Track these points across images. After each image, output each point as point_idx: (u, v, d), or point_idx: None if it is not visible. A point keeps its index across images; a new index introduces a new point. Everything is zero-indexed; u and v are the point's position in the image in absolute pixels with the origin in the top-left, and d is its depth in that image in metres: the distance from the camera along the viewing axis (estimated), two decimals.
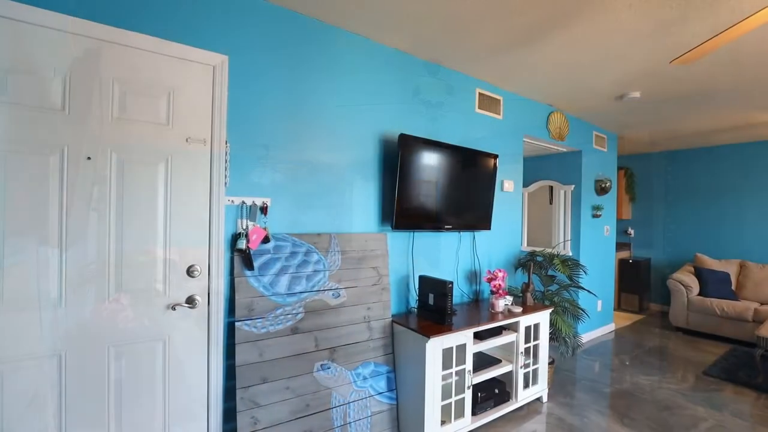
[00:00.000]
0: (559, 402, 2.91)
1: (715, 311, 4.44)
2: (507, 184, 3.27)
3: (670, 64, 1.86)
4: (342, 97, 2.31)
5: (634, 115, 3.95)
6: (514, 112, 3.34)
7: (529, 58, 2.64)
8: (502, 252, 3.27)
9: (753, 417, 2.77)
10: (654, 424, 2.63)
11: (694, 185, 5.52)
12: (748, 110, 3.69)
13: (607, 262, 4.64)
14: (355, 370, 2.21)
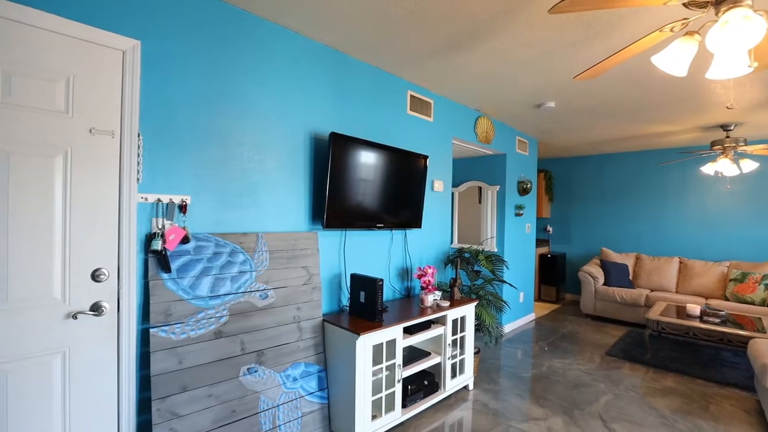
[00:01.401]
0: (484, 389, 3.11)
1: (616, 298, 5.03)
2: (437, 184, 3.41)
3: (574, 79, 2.07)
4: (272, 93, 2.25)
5: (551, 123, 4.33)
6: (444, 115, 3.50)
7: (457, 64, 2.77)
8: (432, 249, 3.40)
9: (642, 388, 3.18)
10: (564, 402, 2.92)
11: (601, 187, 6.21)
12: (640, 123, 4.22)
13: (528, 257, 5.04)
14: (285, 372, 2.17)
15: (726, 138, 4.14)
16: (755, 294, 4.43)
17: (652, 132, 4.64)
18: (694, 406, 2.93)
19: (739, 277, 4.62)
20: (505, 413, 2.74)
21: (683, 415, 2.79)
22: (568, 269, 6.42)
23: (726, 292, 4.70)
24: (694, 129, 4.43)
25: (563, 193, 6.60)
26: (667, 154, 5.58)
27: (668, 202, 5.63)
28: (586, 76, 1.89)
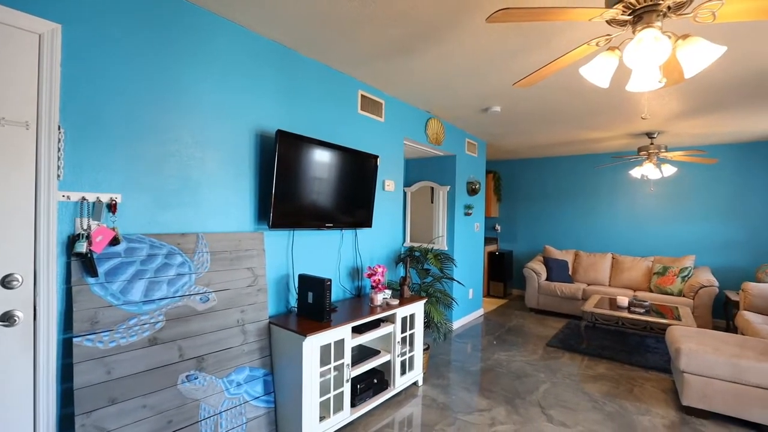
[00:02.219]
0: (433, 384, 3.19)
1: (557, 293, 5.37)
2: (388, 183, 3.45)
3: (513, 86, 2.18)
4: (216, 88, 2.16)
5: (498, 127, 4.52)
6: (395, 115, 3.53)
7: (407, 66, 2.81)
8: (384, 248, 3.43)
9: (577, 376, 3.42)
10: (507, 393, 3.06)
11: (545, 188, 6.58)
12: (577, 129, 4.53)
13: (477, 255, 5.23)
14: (228, 377, 2.09)
15: (650, 145, 4.55)
16: (674, 285, 4.91)
17: (588, 138, 4.99)
18: (621, 389, 3.19)
19: (661, 271, 5.10)
20: (452, 406, 2.83)
21: (611, 398, 3.03)
22: (515, 266, 6.75)
23: (650, 285, 5.16)
24: (624, 136, 4.83)
25: (510, 193, 6.93)
26: (602, 159, 6.03)
27: (602, 203, 6.08)
28: (524, 84, 1.99)
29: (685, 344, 2.87)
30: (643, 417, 2.76)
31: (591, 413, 2.78)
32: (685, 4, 1.43)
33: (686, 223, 5.47)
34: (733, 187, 5.19)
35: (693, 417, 2.77)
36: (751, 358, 2.64)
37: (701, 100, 3.42)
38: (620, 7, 1.46)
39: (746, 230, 5.11)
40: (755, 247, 5.05)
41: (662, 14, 1.45)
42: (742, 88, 3.12)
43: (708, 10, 1.39)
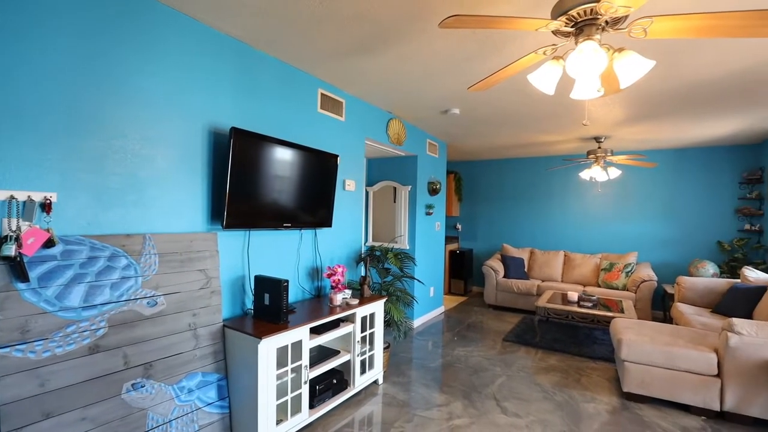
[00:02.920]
0: (393, 382, 3.23)
1: (514, 289, 5.59)
2: (349, 183, 3.44)
3: (468, 90, 2.24)
4: (167, 81, 2.06)
5: (458, 128, 4.64)
6: (356, 115, 3.53)
7: (367, 66, 2.82)
8: (344, 248, 3.43)
9: (531, 368, 3.58)
10: (465, 387, 3.15)
11: (503, 189, 6.83)
12: (532, 132, 4.73)
13: (438, 254, 5.34)
14: (179, 384, 2.01)
15: (598, 149, 4.84)
16: (619, 280, 5.25)
17: (542, 141, 5.23)
18: (570, 379, 3.38)
19: (607, 267, 5.44)
20: (411, 403, 2.88)
21: (561, 387, 3.20)
22: (475, 264, 6.95)
23: (599, 280, 5.49)
24: (575, 140, 5.10)
25: (471, 193, 7.12)
26: (555, 161, 6.34)
27: (556, 203, 6.40)
28: (478, 88, 2.06)
29: (626, 335, 3.09)
30: (588, 404, 2.93)
31: (542, 403, 2.93)
32: (621, 19, 1.54)
33: (630, 222, 5.87)
34: (670, 189, 5.62)
35: (633, 402, 2.98)
36: (682, 345, 2.88)
37: (641, 108, 3.68)
38: (563, 19, 1.54)
39: (681, 229, 5.56)
40: (688, 244, 5.51)
41: (601, 28, 1.55)
42: (675, 99, 3.39)
43: (640, 27, 1.51)
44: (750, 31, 1.45)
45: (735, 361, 2.65)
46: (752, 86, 3.05)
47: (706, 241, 5.43)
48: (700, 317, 3.92)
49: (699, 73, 2.81)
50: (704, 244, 5.43)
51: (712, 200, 5.40)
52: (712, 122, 4.13)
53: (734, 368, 2.66)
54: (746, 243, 5.14)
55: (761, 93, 3.21)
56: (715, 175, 5.39)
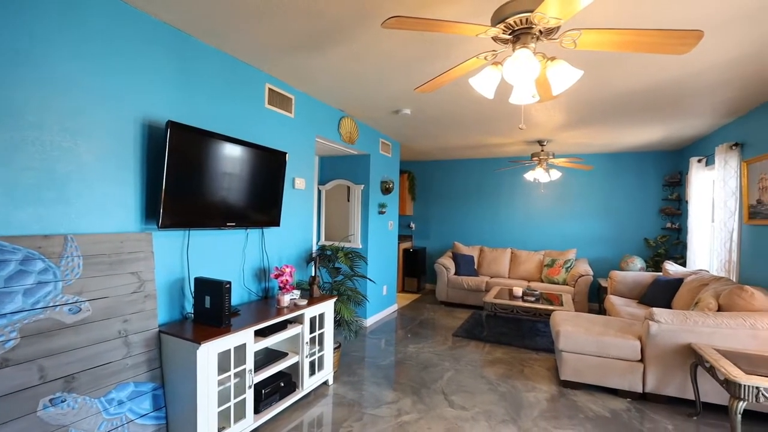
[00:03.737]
0: (344, 381, 3.21)
1: (464, 286, 5.77)
2: (299, 181, 3.37)
3: (414, 91, 2.28)
4: (93, 69, 1.89)
5: (410, 129, 4.70)
6: (306, 112, 3.47)
7: (317, 62, 2.77)
8: (293, 248, 3.35)
9: (479, 362, 3.71)
10: (414, 384, 3.21)
11: (454, 188, 7.03)
12: (480, 134, 4.90)
13: (391, 252, 5.38)
14: (107, 396, 1.87)
15: (541, 151, 5.11)
16: (559, 276, 5.59)
17: (490, 143, 5.44)
18: (514, 370, 3.55)
19: (550, 263, 5.77)
20: (361, 402, 2.88)
21: (505, 379, 3.35)
22: (428, 262, 7.10)
23: (542, 275, 5.81)
24: (520, 142, 5.35)
25: (424, 193, 7.26)
26: (502, 162, 6.62)
27: (503, 202, 6.69)
28: (424, 89, 2.09)
29: (563, 327, 3.29)
30: (529, 393, 3.09)
31: (487, 395, 3.04)
32: (554, 30, 1.63)
33: (570, 220, 6.27)
34: (605, 190, 6.08)
35: (569, 389, 3.19)
36: (612, 335, 3.12)
37: (578, 115, 3.94)
38: (502, 26, 1.61)
39: (614, 227, 6.03)
40: (621, 241, 5.98)
41: (536, 37, 1.63)
42: (606, 107, 3.66)
43: (570, 38, 1.60)
44: (665, 48, 1.59)
45: (655, 347, 2.92)
46: (672, 99, 3.36)
47: (634, 238, 5.92)
48: (628, 308, 4.27)
49: (626, 84, 3.05)
50: (633, 240, 5.93)
51: (640, 201, 5.90)
52: (640, 130, 4.51)
53: (654, 354, 2.92)
54: (668, 239, 5.67)
55: (679, 105, 3.55)
56: (643, 178, 5.90)
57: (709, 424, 2.68)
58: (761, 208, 3.40)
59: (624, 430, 2.61)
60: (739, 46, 2.36)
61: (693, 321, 2.82)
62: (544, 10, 1.41)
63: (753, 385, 2.15)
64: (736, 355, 2.49)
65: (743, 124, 3.84)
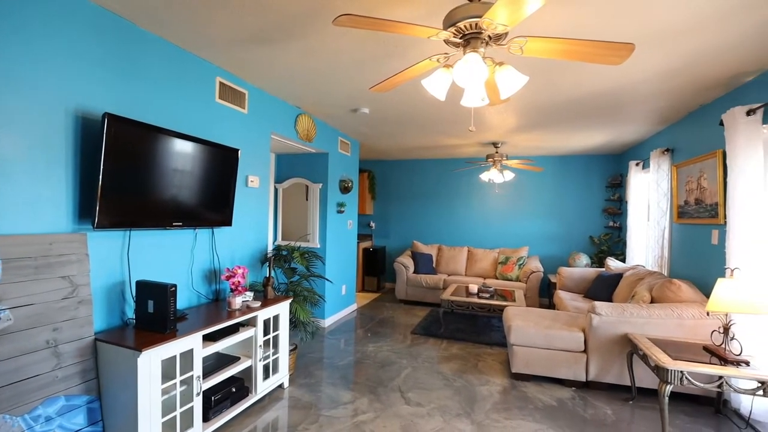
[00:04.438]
0: (300, 384, 3.15)
1: (422, 284, 5.86)
2: (252, 179, 3.26)
3: (369, 90, 2.27)
4: (14, 54, 1.72)
5: (369, 128, 4.70)
6: (261, 108, 3.36)
7: (271, 57, 2.69)
8: (247, 248, 3.24)
9: (436, 358, 3.79)
10: (372, 383, 3.21)
11: (414, 188, 7.12)
12: (438, 135, 5.00)
13: (350, 252, 5.36)
14: (32, 413, 1.71)
15: (495, 153, 5.29)
16: (513, 272, 5.83)
17: (448, 144, 5.56)
18: (469, 365, 3.65)
19: (504, 261, 6.00)
20: (317, 404, 2.84)
21: (460, 374, 3.44)
22: (388, 260, 7.14)
23: (497, 273, 6.03)
24: (476, 144, 5.51)
25: (384, 192, 7.29)
26: (459, 163, 6.79)
27: (461, 202, 6.87)
28: (378, 89, 2.09)
29: (514, 322, 3.43)
30: (483, 387, 3.19)
31: (443, 390, 3.11)
32: (502, 36, 1.68)
33: (522, 219, 6.55)
34: (554, 191, 6.40)
35: (519, 381, 3.33)
36: (558, 328, 3.29)
37: (529, 118, 4.11)
38: (453, 30, 1.64)
39: (563, 225, 6.37)
40: (569, 239, 6.33)
41: (485, 42, 1.68)
42: (555, 112, 3.85)
43: (517, 44, 1.67)
44: (601, 59, 1.69)
45: (596, 338, 3.11)
46: (613, 106, 3.60)
47: (581, 235, 6.29)
48: (575, 302, 4.53)
49: (573, 91, 3.23)
50: (580, 238, 6.29)
51: (586, 201, 6.28)
52: (586, 134, 4.79)
53: (596, 344, 3.12)
54: (610, 237, 6.07)
55: (619, 112, 3.80)
56: (588, 179, 6.27)
57: (642, 407, 2.89)
58: (688, 209, 3.73)
59: (569, 417, 2.76)
60: (668, 60, 2.57)
61: (629, 313, 3.04)
62: (492, 17, 1.46)
63: (678, 369, 2.35)
64: (665, 342, 2.71)
65: (673, 131, 4.18)
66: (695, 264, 3.57)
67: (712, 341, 2.62)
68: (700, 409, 2.88)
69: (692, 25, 2.11)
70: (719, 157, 3.14)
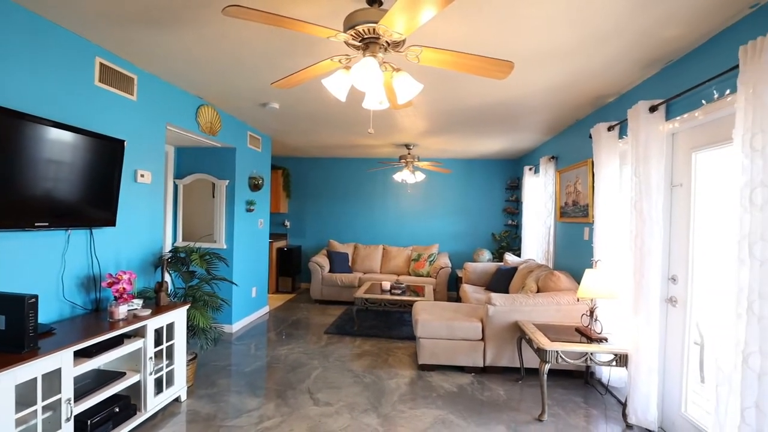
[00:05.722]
0: (200, 395, 2.94)
1: (338, 283, 5.86)
2: (143, 174, 2.94)
3: (271, 85, 2.20)
4: None
5: (281, 123, 4.54)
6: (154, 95, 3.05)
7: (165, 42, 2.44)
8: (136, 251, 2.92)
9: (348, 356, 3.81)
10: (280, 387, 3.12)
11: (331, 186, 7.09)
12: (352, 135, 5.03)
13: (261, 252, 5.14)
14: None
15: (408, 154, 5.50)
16: (424, 269, 6.12)
17: (363, 143, 5.63)
18: (379, 360, 3.75)
19: (416, 258, 6.27)
20: (218, 415, 2.68)
21: (370, 370, 3.51)
22: (303, 260, 7.00)
23: (410, 269, 6.28)
24: (390, 145, 5.67)
25: (300, 190, 7.13)
26: (375, 163, 6.93)
27: (377, 201, 7.01)
28: (280, 85, 2.04)
29: (421, 316, 3.61)
30: (391, 381, 3.30)
31: (352, 387, 3.15)
32: (400, 44, 1.75)
33: (433, 218, 6.92)
34: (461, 192, 6.88)
35: (426, 372, 3.51)
36: (460, 319, 3.54)
37: (437, 123, 4.35)
38: (352, 33, 1.66)
39: (469, 224, 6.87)
40: (474, 236, 6.85)
41: (384, 48, 1.73)
42: (460, 118, 4.13)
43: (414, 53, 1.75)
44: (488, 72, 1.86)
45: (492, 327, 3.42)
46: (510, 115, 3.98)
47: (485, 233, 6.85)
48: (477, 294, 4.92)
49: (475, 100, 3.49)
50: (484, 235, 6.85)
51: (489, 201, 6.85)
52: (488, 140, 5.22)
53: (492, 332, 3.42)
54: (509, 234, 6.71)
55: (515, 121, 4.21)
56: (491, 181, 6.85)
57: (529, 385, 3.25)
58: (567, 209, 4.28)
59: (468, 401, 2.99)
60: (552, 77, 2.91)
61: (519, 302, 3.39)
62: (387, 23, 1.51)
63: (554, 350, 2.68)
64: (546, 327, 3.08)
65: (558, 140, 4.77)
66: (573, 257, 4.12)
67: (582, 323, 3.05)
68: (574, 381, 3.33)
69: (572, 48, 2.41)
70: (589, 165, 3.65)
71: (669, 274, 2.58)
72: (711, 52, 2.20)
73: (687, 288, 2.43)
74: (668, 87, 2.55)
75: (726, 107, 2.01)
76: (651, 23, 2.08)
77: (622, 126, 3.06)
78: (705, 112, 2.18)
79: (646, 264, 2.51)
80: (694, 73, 2.30)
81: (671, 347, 2.56)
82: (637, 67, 2.67)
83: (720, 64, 2.04)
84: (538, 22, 2.10)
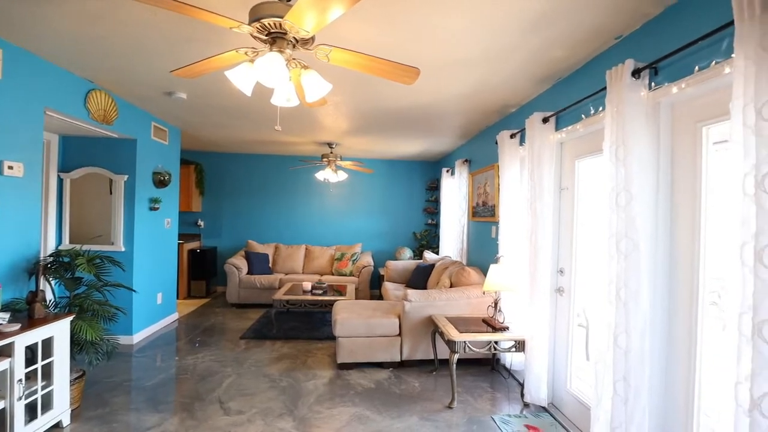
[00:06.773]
0: (88, 417, 2.61)
1: (257, 285, 5.62)
2: (12, 166, 2.52)
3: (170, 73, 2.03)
4: None
5: (190, 115, 4.21)
6: (27, 74, 2.62)
7: (39, 13, 2.11)
8: (5, 256, 2.48)
9: (264, 361, 3.67)
10: (186, 399, 2.90)
11: (250, 184, 6.75)
12: (271, 130, 4.85)
13: (168, 254, 4.71)
14: None
15: (330, 153, 5.47)
16: (347, 268, 6.13)
17: (284, 140, 5.46)
18: (298, 362, 3.67)
19: (339, 257, 6.26)
20: None
21: (288, 372, 3.42)
22: (219, 262, 6.57)
23: (333, 269, 6.24)
24: (312, 143, 5.58)
25: (216, 187, 6.68)
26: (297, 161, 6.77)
27: (299, 200, 6.86)
28: (181, 74, 1.89)
29: (340, 315, 3.61)
30: (309, 382, 3.25)
31: (268, 393, 3.04)
32: (309, 41, 1.73)
33: (357, 217, 6.97)
34: (384, 191, 7.02)
35: (344, 370, 3.52)
36: (379, 316, 3.61)
37: (358, 123, 4.38)
38: (257, 26, 1.60)
39: (391, 223, 7.04)
40: (396, 235, 7.03)
41: (292, 44, 1.69)
42: (380, 120, 4.21)
43: (323, 52, 1.74)
44: (395, 77, 1.92)
45: (408, 322, 3.54)
46: (427, 119, 4.15)
47: (406, 232, 7.07)
48: (397, 291, 5.05)
49: (394, 102, 3.57)
50: (405, 234, 7.07)
51: (410, 201, 7.09)
52: (407, 142, 5.40)
53: (408, 327, 3.55)
54: (429, 233, 7.02)
55: (431, 125, 4.41)
56: (412, 182, 7.10)
57: (443, 376, 3.44)
58: (478, 209, 4.60)
59: (384, 395, 3.06)
60: (463, 85, 3.09)
61: (433, 297, 3.56)
62: (292, 19, 1.48)
63: (462, 340, 2.87)
64: (457, 319, 3.28)
65: (471, 145, 5.10)
66: (482, 253, 4.44)
67: (488, 314, 3.30)
68: (482, 369, 3.59)
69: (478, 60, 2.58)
70: (496, 168, 3.97)
71: (558, 267, 2.91)
72: (589, 74, 2.53)
73: (571, 279, 2.76)
74: (558, 101, 2.88)
75: (599, 122, 2.32)
76: (541, 43, 2.32)
77: (522, 134, 3.38)
78: (584, 125, 2.50)
79: (539, 258, 2.80)
80: (577, 90, 2.63)
81: (559, 332, 2.89)
82: (532, 82, 2.97)
83: (595, 84, 2.35)
84: (446, 33, 2.23)
